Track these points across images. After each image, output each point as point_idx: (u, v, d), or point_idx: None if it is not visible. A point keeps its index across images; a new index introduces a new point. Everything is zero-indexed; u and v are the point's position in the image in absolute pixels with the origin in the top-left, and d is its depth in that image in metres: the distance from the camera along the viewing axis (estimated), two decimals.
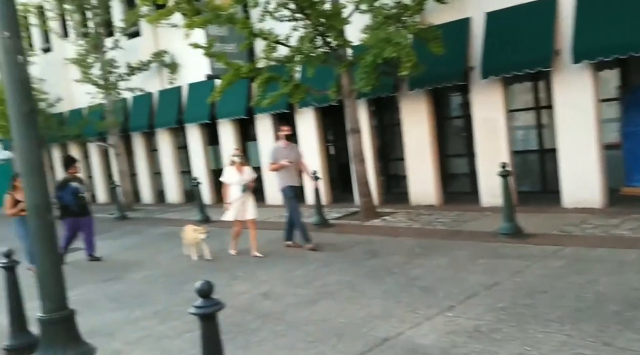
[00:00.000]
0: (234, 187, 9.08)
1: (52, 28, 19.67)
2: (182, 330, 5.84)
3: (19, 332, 5.62)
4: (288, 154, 9.39)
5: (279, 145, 9.54)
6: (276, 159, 9.30)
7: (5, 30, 4.34)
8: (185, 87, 16.84)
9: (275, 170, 9.34)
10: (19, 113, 4.43)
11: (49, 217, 4.57)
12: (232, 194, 9.07)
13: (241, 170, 9.15)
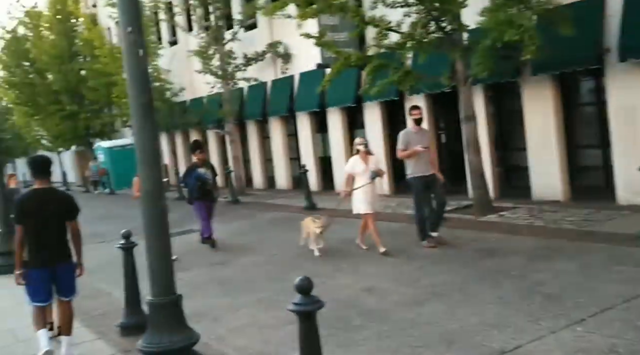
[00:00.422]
0: (358, 177, 8.29)
1: (178, 22, 20.52)
2: (285, 321, 5.63)
3: (133, 312, 5.73)
4: (419, 139, 8.30)
5: (409, 130, 8.54)
6: (406, 145, 8.29)
7: (128, 25, 4.35)
8: (296, 77, 16.82)
9: (406, 157, 8.35)
10: (137, 103, 4.41)
11: (161, 204, 4.52)
12: (357, 185, 8.27)
13: (366, 159, 8.35)
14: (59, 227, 5.26)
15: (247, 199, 17.11)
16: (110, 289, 7.78)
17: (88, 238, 10.84)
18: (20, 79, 28.42)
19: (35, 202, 5.23)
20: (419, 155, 8.20)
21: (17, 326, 6.40)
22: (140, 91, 4.40)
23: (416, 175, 8.27)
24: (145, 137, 4.44)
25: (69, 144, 30.30)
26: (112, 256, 10.43)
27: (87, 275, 8.82)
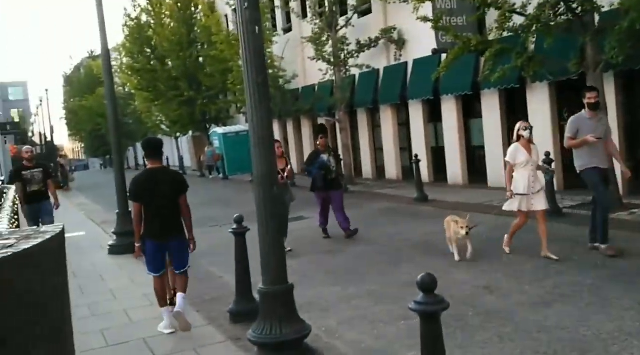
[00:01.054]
0: (520, 169, 7.21)
1: (293, 8, 20.78)
2: (397, 316, 5.43)
3: (244, 298, 5.76)
4: (594, 127, 7.10)
5: (582, 115, 7.30)
6: (575, 133, 7.18)
7: (245, 1, 4.29)
8: (410, 63, 16.39)
9: (576, 146, 7.20)
10: (253, 83, 4.36)
11: (274, 190, 4.46)
12: (519, 178, 7.19)
13: (529, 148, 7.28)
14: (171, 203, 5.64)
15: (356, 188, 17.00)
16: (221, 273, 7.96)
17: (201, 221, 11.29)
18: (142, 65, 29.99)
19: (149, 181, 5.68)
20: (591, 145, 7.02)
21: (130, 306, 6.70)
22: (255, 70, 4.34)
23: (589, 167, 7.07)
24: (260, 118, 4.39)
25: (186, 130, 31.77)
26: (224, 240, 10.73)
27: (199, 257, 9.20)
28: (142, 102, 32.37)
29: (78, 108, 50.70)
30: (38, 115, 56.74)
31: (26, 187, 9.64)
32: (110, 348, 5.40)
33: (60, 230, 2.71)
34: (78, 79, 55.04)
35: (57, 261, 2.61)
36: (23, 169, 9.90)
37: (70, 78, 59.17)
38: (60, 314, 2.56)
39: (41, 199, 9.84)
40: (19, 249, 2.21)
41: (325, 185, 9.41)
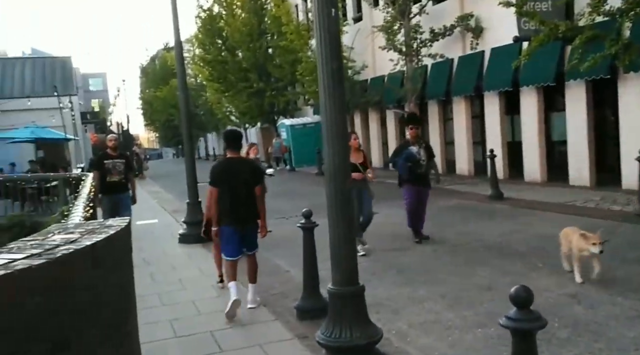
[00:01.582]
0: None
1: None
2: (473, 323, 5.10)
3: (311, 295, 5.59)
4: None
5: None
6: None
7: None
8: (487, 52, 15.70)
9: None
10: (327, 69, 4.13)
11: (346, 184, 4.23)
12: None
13: None
14: (247, 191, 5.99)
15: None
16: (288, 267, 7.84)
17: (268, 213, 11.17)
18: (213, 57, 30.39)
19: (228, 169, 6.11)
20: None
21: (199, 298, 6.67)
22: (330, 55, 4.10)
23: None
24: (334, 107, 4.15)
25: (255, 121, 32.08)
26: (291, 233, 10.65)
27: (266, 250, 9.13)
28: (213, 93, 32.89)
29: (153, 99, 52.39)
30: (116, 105, 59.21)
31: (105, 177, 9.17)
32: (177, 339, 5.36)
33: (125, 225, 2.61)
34: (153, 71, 56.80)
35: (121, 256, 2.51)
36: (106, 157, 9.42)
37: (145, 69, 61.16)
38: (123, 310, 2.48)
39: (120, 191, 9.36)
40: (80, 246, 2.12)
41: (411, 178, 8.44)
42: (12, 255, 1.89)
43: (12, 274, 1.69)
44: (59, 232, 2.33)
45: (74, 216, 4.89)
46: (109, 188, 9.21)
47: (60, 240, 2.09)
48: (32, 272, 1.74)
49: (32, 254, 1.89)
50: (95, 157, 10.28)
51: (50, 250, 1.93)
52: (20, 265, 1.75)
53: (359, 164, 8.09)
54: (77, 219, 5.16)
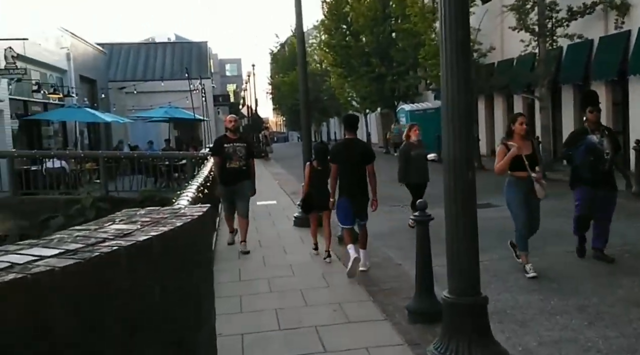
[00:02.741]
0: None
1: None
2: (620, 347, 4.16)
3: (424, 296, 4.92)
4: None
5: None
6: None
7: None
8: (634, 32, 13.75)
9: None
10: (451, 39, 3.44)
11: (469, 176, 3.51)
12: None
13: None
14: (360, 169, 6.66)
15: (556, 175, 14.92)
16: (400, 260, 7.19)
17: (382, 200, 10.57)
18: (337, 42, 30.13)
19: (346, 149, 6.82)
20: None
21: (307, 287, 6.26)
22: (455, 25, 3.40)
23: None
24: (457, 83, 3.43)
25: (375, 106, 31.50)
26: (405, 222, 10.00)
27: (377, 239, 8.54)
28: (336, 79, 32.78)
29: (280, 83, 53.48)
30: (247, 89, 61.31)
31: (225, 163, 8.01)
32: (281, 332, 4.96)
33: (201, 215, 2.14)
34: (282, 57, 57.94)
35: (190, 255, 2.04)
36: (225, 140, 8.15)
37: (275, 55, 62.56)
38: (186, 324, 2.01)
39: (240, 179, 8.07)
40: (130, 241, 1.68)
41: (593, 178, 6.36)
42: (43, 251, 1.47)
43: (25, 279, 1.21)
44: (121, 220, 1.91)
45: (183, 198, 4.61)
46: (229, 176, 8.03)
47: (112, 232, 1.66)
48: (54, 276, 1.28)
49: (67, 250, 1.45)
50: (215, 142, 8.71)
51: (91, 246, 1.49)
52: (42, 266, 1.30)
53: (528, 156, 6.09)
54: (184, 201, 4.90)
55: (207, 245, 2.14)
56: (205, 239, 2.10)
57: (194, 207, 2.01)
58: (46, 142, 18.46)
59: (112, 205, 13.19)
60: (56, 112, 17.73)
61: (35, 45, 16.29)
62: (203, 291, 2.11)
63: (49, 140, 18.86)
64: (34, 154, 14.46)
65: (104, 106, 25.32)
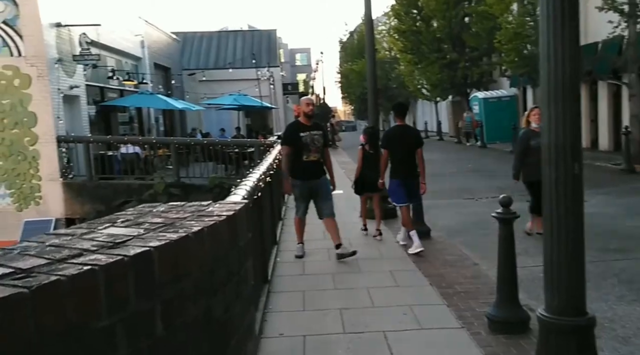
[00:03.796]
0: None
1: None
2: None
3: (507, 303, 4.29)
4: None
5: None
6: None
7: None
8: None
9: None
10: (550, 5, 2.76)
11: (575, 169, 2.85)
12: None
13: None
14: (410, 152, 7.02)
15: None
16: (476, 258, 6.54)
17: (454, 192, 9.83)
18: (407, 27, 29.15)
19: (399, 135, 7.14)
20: None
21: (374, 285, 5.74)
22: None
23: None
24: (561, 51, 2.76)
25: (446, 94, 30.36)
26: (480, 216, 9.22)
27: (451, 236, 7.88)
28: (406, 66, 31.86)
29: (349, 72, 52.80)
30: (315, 78, 61.04)
31: (301, 155, 6.65)
32: (343, 335, 4.47)
33: (231, 214, 1.65)
34: (351, 45, 57.22)
35: (210, 274, 1.49)
36: (300, 128, 6.77)
37: (344, 44, 61.90)
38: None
39: (320, 174, 6.82)
40: (126, 253, 1.15)
41: None
42: (14, 263, 1.02)
43: None
44: (127, 220, 1.43)
45: (240, 189, 4.18)
46: (306, 170, 6.68)
47: (98, 241, 1.19)
48: None
49: (38, 265, 0.99)
50: (288, 129, 7.20)
51: (74, 258, 1.03)
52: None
53: None
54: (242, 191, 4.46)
55: (237, 260, 1.61)
56: (236, 252, 1.58)
57: (226, 204, 1.53)
58: (122, 128, 18.82)
59: (184, 191, 13.19)
60: (129, 98, 18.01)
61: (110, 32, 16.52)
62: (230, 319, 1.57)
63: (125, 126, 19.22)
64: (108, 139, 14.68)
65: (177, 94, 25.69)
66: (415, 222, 7.37)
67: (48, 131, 12.37)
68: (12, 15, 12.29)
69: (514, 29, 19.04)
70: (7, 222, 12.33)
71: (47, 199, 12.45)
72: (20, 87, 12.26)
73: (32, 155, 12.40)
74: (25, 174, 12.40)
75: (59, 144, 12.58)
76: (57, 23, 13.32)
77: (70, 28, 13.79)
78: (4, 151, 12.32)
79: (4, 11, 12.26)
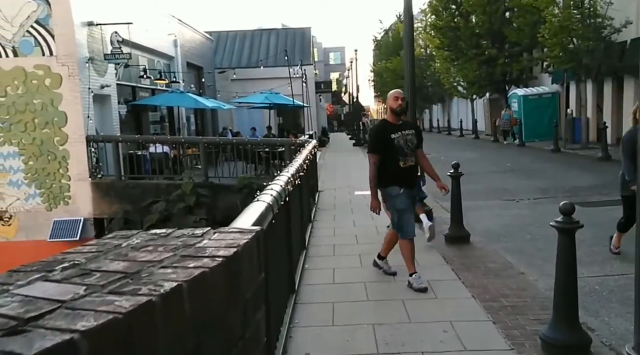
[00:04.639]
0: None
1: None
2: None
3: (565, 324, 3.76)
4: None
5: None
6: None
7: None
8: None
9: None
10: None
11: None
12: None
13: None
14: None
15: None
16: (521, 267, 6.00)
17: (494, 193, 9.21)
18: (445, 23, 28.50)
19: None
20: None
21: (410, 308, 5.23)
22: None
23: None
24: None
25: (483, 91, 29.50)
26: (522, 219, 8.63)
27: (492, 241, 7.30)
28: (442, 62, 31.13)
29: (383, 70, 52.13)
30: (349, 76, 60.50)
31: (397, 161, 5.34)
32: None
33: (233, 253, 1.11)
34: (385, 43, 56.51)
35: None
36: (389, 128, 5.46)
37: (379, 42, 61.22)
38: None
39: (414, 182, 5.77)
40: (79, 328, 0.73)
41: None
42: None
43: None
44: (97, 256, 1.01)
45: (265, 195, 3.76)
46: (405, 178, 5.42)
47: (37, 302, 0.76)
48: None
49: None
50: (374, 131, 5.90)
51: None
52: None
53: None
54: (268, 197, 4.04)
55: (242, 319, 1.11)
56: (239, 309, 1.10)
57: (228, 234, 1.09)
58: (152, 127, 18.72)
59: (212, 191, 12.92)
60: (159, 97, 17.90)
61: (143, 31, 16.41)
62: None
63: (156, 125, 19.12)
64: (136, 138, 14.52)
65: (209, 92, 25.56)
66: (452, 226, 7.26)
67: (78, 131, 12.26)
68: (44, 15, 12.23)
69: (559, 23, 18.18)
70: (37, 221, 12.28)
71: (76, 198, 12.35)
72: (51, 86, 12.18)
73: (62, 155, 12.31)
74: (55, 173, 12.33)
75: (88, 144, 12.47)
76: (89, 22, 13.21)
77: (102, 27, 13.68)
78: (35, 151, 12.27)
79: (36, 10, 12.20)
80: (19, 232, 12.26)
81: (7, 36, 12.13)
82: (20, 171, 12.30)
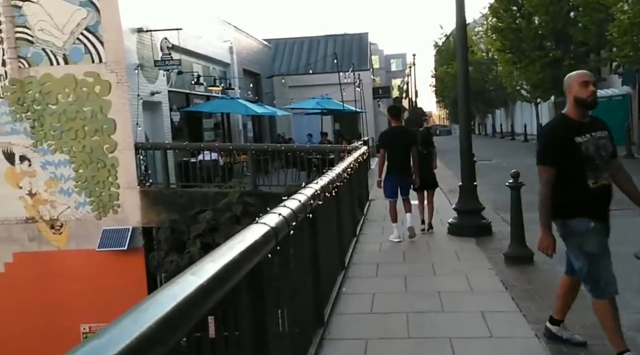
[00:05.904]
0: None
1: None
2: None
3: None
4: None
5: None
6: None
7: None
8: None
9: None
10: None
11: None
12: None
13: None
14: (404, 153, 7.72)
15: None
16: None
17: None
18: (506, 25, 27.09)
19: (392, 135, 8.03)
20: None
21: (459, 335, 4.28)
22: None
23: None
24: None
25: (548, 94, 27.73)
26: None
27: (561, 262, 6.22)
28: (504, 66, 29.61)
29: (444, 75, 50.63)
30: (409, 82, 59.17)
31: (584, 177, 3.56)
32: None
33: None
34: (447, 47, 54.98)
35: None
36: (573, 128, 3.64)
37: (439, 47, 59.68)
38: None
39: (608, 210, 3.73)
40: None
41: None
42: None
43: None
44: None
45: (272, 215, 3.00)
46: (598, 206, 3.63)
47: None
48: None
49: None
50: (547, 132, 3.99)
51: None
52: None
53: None
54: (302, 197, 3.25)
55: None
56: None
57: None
58: (207, 134, 18.40)
59: (260, 199, 12.29)
60: (209, 104, 17.58)
61: (196, 38, 16.11)
62: None
63: (210, 132, 18.81)
64: (184, 146, 14.15)
65: (267, 99, 25.18)
66: (512, 243, 6.32)
67: (126, 138, 11.98)
68: (94, 22, 12.05)
69: (629, 20, 16.51)
70: (88, 230, 12.06)
71: (124, 207, 12.05)
72: (100, 93, 11.97)
73: (111, 163, 12.06)
74: (105, 181, 12.08)
75: (137, 151, 12.15)
76: (138, 28, 12.97)
77: (152, 33, 13.41)
78: (85, 159, 12.08)
79: (86, 17, 12.04)
80: (70, 241, 12.08)
81: (58, 44, 12.02)
82: (70, 179, 12.14)
